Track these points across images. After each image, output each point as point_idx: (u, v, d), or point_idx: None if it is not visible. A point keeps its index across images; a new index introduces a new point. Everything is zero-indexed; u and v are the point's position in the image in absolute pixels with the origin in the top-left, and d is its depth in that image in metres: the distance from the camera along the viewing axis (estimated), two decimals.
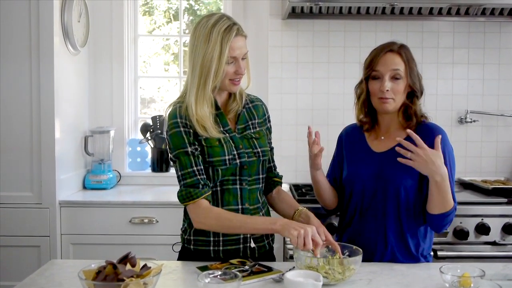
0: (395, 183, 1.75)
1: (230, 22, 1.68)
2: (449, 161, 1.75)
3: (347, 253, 1.62)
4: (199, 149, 1.70)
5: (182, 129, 1.70)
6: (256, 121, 1.84)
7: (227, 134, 1.75)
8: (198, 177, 1.68)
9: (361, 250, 1.58)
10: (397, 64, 1.77)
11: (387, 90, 1.76)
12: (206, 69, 1.65)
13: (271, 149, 1.89)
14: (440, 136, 1.65)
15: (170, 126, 1.72)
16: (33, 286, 1.50)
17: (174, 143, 1.71)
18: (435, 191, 1.66)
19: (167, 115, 1.75)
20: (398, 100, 1.79)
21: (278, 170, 1.96)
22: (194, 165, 1.69)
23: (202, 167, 1.70)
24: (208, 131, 1.68)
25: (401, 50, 1.80)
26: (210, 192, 1.71)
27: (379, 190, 1.79)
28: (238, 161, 1.73)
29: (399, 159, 1.65)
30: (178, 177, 1.72)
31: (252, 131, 1.81)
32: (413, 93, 1.82)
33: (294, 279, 1.39)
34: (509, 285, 1.52)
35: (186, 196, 1.68)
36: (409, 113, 1.81)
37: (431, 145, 1.73)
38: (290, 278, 1.39)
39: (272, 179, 1.91)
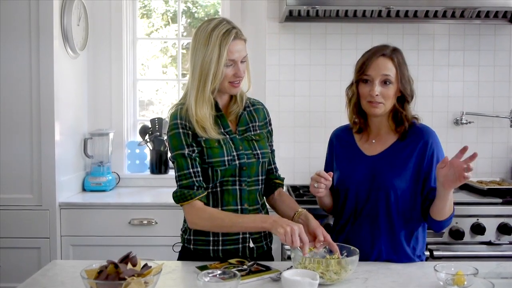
0: (388, 186, 1.77)
1: (230, 26, 1.70)
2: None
3: (345, 254, 1.63)
4: (197, 150, 1.73)
5: (181, 130, 1.73)
6: (257, 124, 1.86)
7: (227, 136, 1.77)
8: (193, 179, 1.71)
9: (357, 250, 1.60)
10: (388, 69, 1.77)
11: (377, 95, 1.76)
12: (205, 72, 1.68)
13: (272, 151, 1.91)
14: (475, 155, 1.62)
15: (170, 127, 1.75)
16: (35, 285, 1.53)
17: (173, 144, 1.74)
18: (447, 200, 1.67)
19: (168, 116, 1.79)
20: (387, 104, 1.79)
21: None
22: (190, 167, 1.71)
23: (199, 169, 1.73)
24: (207, 132, 1.71)
25: (393, 54, 1.79)
26: (205, 193, 1.73)
27: (372, 193, 1.80)
28: (237, 162, 1.75)
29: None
30: (175, 178, 1.76)
31: (252, 133, 1.83)
32: (403, 98, 1.82)
33: (292, 278, 1.41)
34: (502, 283, 1.55)
35: (180, 197, 1.72)
36: (399, 117, 1.82)
37: (423, 146, 1.77)
38: (287, 277, 1.41)
39: (274, 181, 1.93)
